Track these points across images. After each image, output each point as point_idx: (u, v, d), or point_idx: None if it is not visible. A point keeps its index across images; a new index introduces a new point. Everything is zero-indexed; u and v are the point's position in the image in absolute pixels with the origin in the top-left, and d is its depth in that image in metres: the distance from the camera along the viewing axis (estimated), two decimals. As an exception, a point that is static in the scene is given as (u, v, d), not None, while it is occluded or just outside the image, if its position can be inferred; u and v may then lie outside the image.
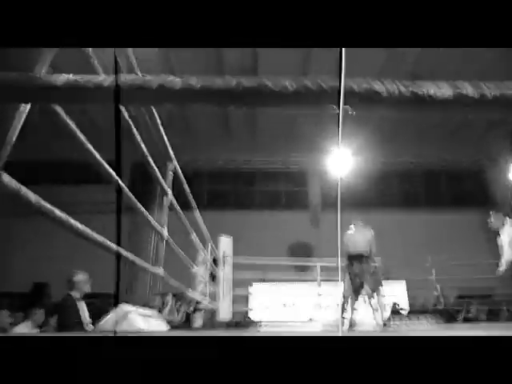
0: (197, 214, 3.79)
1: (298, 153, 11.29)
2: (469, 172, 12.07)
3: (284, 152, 11.40)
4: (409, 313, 8.33)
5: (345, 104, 0.83)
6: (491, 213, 4.84)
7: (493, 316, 7.24)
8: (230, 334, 2.59)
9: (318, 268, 6.34)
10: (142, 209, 1.70)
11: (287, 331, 5.65)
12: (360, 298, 4.81)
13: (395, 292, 9.16)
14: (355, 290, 4.73)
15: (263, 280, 9.97)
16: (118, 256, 1.24)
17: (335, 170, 9.09)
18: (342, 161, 8.43)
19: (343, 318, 4.81)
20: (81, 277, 3.49)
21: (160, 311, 5.58)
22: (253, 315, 8.87)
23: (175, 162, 2.59)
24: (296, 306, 7.64)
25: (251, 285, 9.49)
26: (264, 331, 6.46)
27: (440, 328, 6.08)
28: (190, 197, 3.23)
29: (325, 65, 7.84)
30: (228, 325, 7.48)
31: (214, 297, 5.56)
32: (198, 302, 5.32)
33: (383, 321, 4.53)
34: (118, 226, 0.98)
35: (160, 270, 2.08)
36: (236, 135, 11.44)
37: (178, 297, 4.92)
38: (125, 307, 2.82)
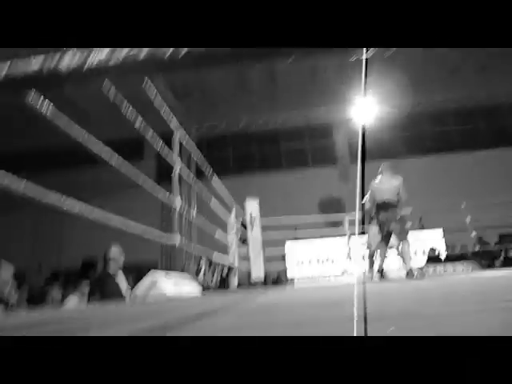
0: (216, 180, 3.83)
1: (320, 106, 10.92)
2: (505, 107, 11.18)
3: (306, 107, 11.06)
4: (447, 259, 8.21)
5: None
6: None
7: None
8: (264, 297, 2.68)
9: (345, 221, 6.30)
10: (148, 182, 1.75)
11: (321, 286, 5.79)
12: (388, 247, 4.75)
13: (432, 238, 9.00)
14: (383, 239, 4.68)
15: (296, 238, 10.13)
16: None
17: (360, 118, 8.76)
18: (366, 109, 8.09)
19: (372, 268, 4.82)
20: (114, 250, 3.69)
21: (196, 275, 5.87)
22: (290, 272, 9.12)
23: (183, 131, 2.59)
24: (330, 261, 7.72)
25: (285, 243, 9.68)
26: (300, 287, 6.66)
27: (474, 272, 5.97)
28: (206, 165, 3.23)
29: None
30: (265, 283, 7.76)
31: (246, 258, 5.75)
32: (230, 265, 5.52)
33: (408, 269, 4.48)
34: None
35: (175, 238, 2.15)
36: (256, 95, 11.20)
37: (212, 261, 5.12)
38: (155, 273, 2.98)
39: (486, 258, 7.19)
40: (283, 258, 9.87)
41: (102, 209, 2.35)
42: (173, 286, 3.04)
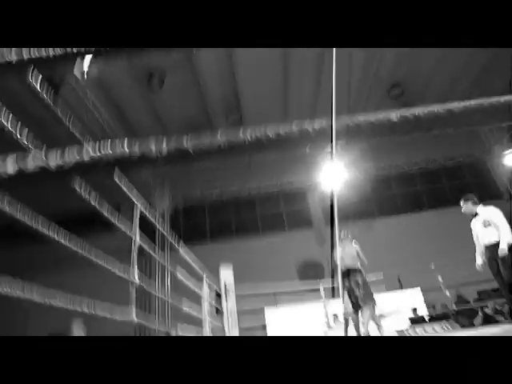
0: (185, 250, 3.82)
1: (292, 173, 11.38)
2: (466, 167, 11.99)
3: (279, 174, 11.50)
4: (431, 318, 8.08)
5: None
6: (461, 202, 4.50)
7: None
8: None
9: (321, 289, 6.27)
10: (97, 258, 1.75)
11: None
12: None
13: (413, 298, 8.93)
14: (354, 306, 4.69)
15: (275, 305, 9.83)
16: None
17: (330, 184, 9.13)
18: (335, 174, 8.49)
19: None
20: (76, 327, 3.51)
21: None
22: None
23: (141, 206, 2.64)
24: (310, 328, 7.45)
25: (263, 312, 9.35)
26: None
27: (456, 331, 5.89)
28: (170, 235, 3.24)
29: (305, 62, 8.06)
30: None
31: (221, 329, 5.49)
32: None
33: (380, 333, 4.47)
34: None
35: (131, 315, 2.09)
36: (230, 165, 11.61)
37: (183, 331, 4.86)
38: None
39: (465, 317, 7.13)
40: (263, 327, 9.47)
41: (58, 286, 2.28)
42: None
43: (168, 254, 10.63)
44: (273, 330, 8.93)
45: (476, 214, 4.38)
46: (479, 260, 4.30)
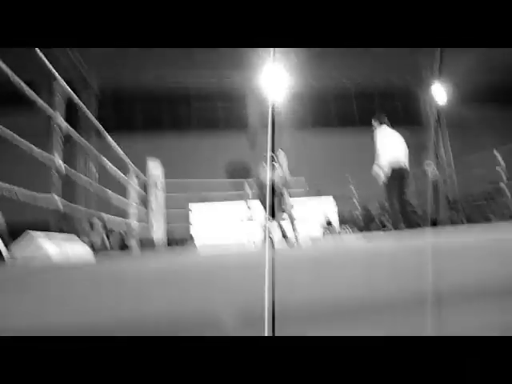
0: (109, 139, 3.65)
1: (234, 71, 10.86)
2: (399, 92, 12.54)
3: (220, 70, 10.89)
4: (338, 224, 9.22)
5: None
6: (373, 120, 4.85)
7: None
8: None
9: (246, 186, 6.60)
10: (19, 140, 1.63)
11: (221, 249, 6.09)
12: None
13: (326, 204, 9.97)
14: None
15: (201, 200, 10.27)
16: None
17: (270, 89, 8.97)
18: (276, 80, 8.31)
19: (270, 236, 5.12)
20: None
21: (88, 237, 5.63)
22: (193, 232, 9.30)
23: (63, 84, 2.39)
24: (233, 224, 8.06)
25: (189, 205, 9.75)
26: (200, 247, 6.90)
27: (359, 237, 6.89)
28: (97, 122, 3.05)
29: None
30: (168, 245, 7.80)
31: (147, 219, 5.68)
32: (129, 227, 5.41)
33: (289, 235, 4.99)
34: None
35: (51, 198, 2.06)
36: (168, 52, 10.60)
37: (106, 223, 4.95)
38: (33, 233, 2.81)
39: (366, 224, 8.27)
40: (188, 220, 9.98)
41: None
42: (55, 246, 2.92)
43: (94, 141, 10.06)
44: (196, 224, 9.48)
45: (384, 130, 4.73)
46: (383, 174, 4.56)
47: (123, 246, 6.12)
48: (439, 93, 10.94)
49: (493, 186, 8.48)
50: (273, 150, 5.01)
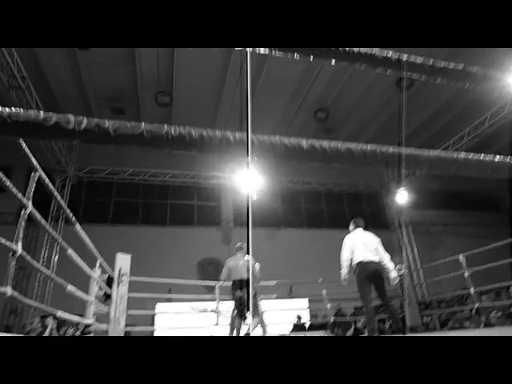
0: (78, 228, 3.53)
1: (209, 170, 11.39)
2: (366, 195, 13.41)
3: (197, 167, 11.40)
4: (310, 327, 8.77)
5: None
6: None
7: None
8: None
9: (217, 288, 6.37)
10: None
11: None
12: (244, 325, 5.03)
13: (300, 307, 9.61)
14: (239, 314, 4.96)
15: (169, 300, 9.66)
16: None
17: (246, 188, 9.34)
18: (250, 180, 8.72)
19: None
20: None
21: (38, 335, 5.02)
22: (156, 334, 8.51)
23: (41, 172, 2.39)
24: (201, 326, 7.48)
25: (156, 304, 9.13)
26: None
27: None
28: (67, 210, 2.98)
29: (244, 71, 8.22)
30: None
31: (106, 318, 5.20)
32: (87, 325, 4.91)
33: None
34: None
35: (6, 289, 1.87)
36: (148, 150, 11.11)
37: (60, 319, 4.47)
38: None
39: (341, 328, 7.90)
40: (152, 320, 9.23)
41: None
42: None
43: (61, 229, 9.72)
44: (161, 323, 8.77)
45: (355, 232, 4.83)
46: (343, 275, 4.65)
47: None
48: (402, 197, 11.72)
49: (462, 291, 8.60)
50: (248, 248, 4.95)
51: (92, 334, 5.47)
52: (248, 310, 4.86)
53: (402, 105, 8.90)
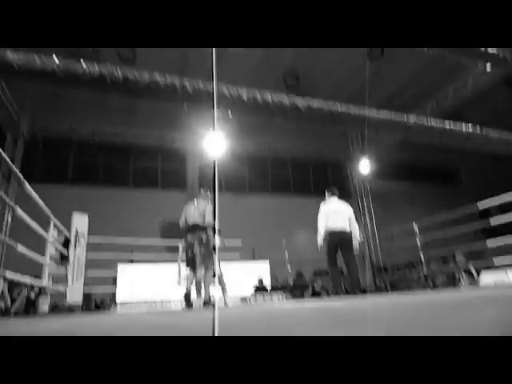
0: (28, 188, 3.34)
1: (175, 131, 11.03)
2: (330, 164, 13.65)
3: (162, 128, 11.01)
4: (272, 289, 9.11)
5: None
6: (326, 191, 5.36)
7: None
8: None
9: (180, 247, 6.35)
10: None
11: (147, 312, 5.54)
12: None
13: (261, 269, 9.90)
14: (188, 263, 4.61)
15: (131, 260, 9.61)
16: None
17: (211, 151, 9.17)
18: (216, 142, 8.56)
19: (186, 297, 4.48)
20: None
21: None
22: (119, 296, 8.50)
23: None
24: (163, 286, 7.55)
25: (117, 265, 9.06)
26: (122, 313, 6.24)
27: (289, 301, 6.81)
28: (15, 169, 2.79)
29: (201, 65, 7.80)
30: (85, 307, 6.99)
31: (63, 279, 5.10)
32: (41, 287, 4.79)
33: (206, 298, 4.31)
34: None
35: None
36: (112, 106, 10.54)
37: (12, 281, 4.30)
38: None
39: (299, 290, 8.26)
40: (114, 281, 9.17)
41: None
42: None
43: (14, 188, 9.20)
44: (122, 285, 8.74)
45: (330, 200, 5.11)
46: (320, 241, 4.91)
47: (31, 310, 5.33)
48: (364, 168, 12.06)
49: (413, 255, 9.19)
50: (215, 211, 4.87)
51: (48, 295, 5.36)
52: (202, 261, 4.39)
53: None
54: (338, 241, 4.73)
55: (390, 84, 10.48)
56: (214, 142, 8.45)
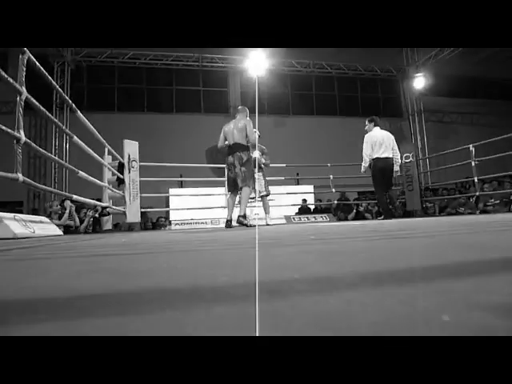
0: (82, 117, 3.48)
1: (216, 51, 10.61)
2: (381, 80, 12.62)
3: (202, 53, 10.62)
4: (315, 209, 9.31)
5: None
6: (366, 121, 5.57)
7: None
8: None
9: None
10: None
11: (196, 228, 5.98)
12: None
13: (305, 192, 10.06)
14: (229, 185, 4.46)
15: (181, 184, 10.13)
16: None
17: (253, 71, 8.81)
18: (259, 62, 8.17)
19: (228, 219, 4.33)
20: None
21: (60, 217, 5.45)
22: (171, 216, 9.20)
23: (28, 54, 2.24)
24: (212, 208, 7.98)
25: (169, 188, 9.62)
26: (176, 229, 6.81)
27: (331, 222, 6.97)
28: (67, 98, 2.89)
29: None
30: (145, 227, 7.68)
31: (122, 201, 5.54)
32: (104, 207, 5.27)
33: (241, 215, 4.14)
34: None
35: (17, 175, 1.95)
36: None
37: (78, 203, 4.77)
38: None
39: (342, 212, 8.36)
40: (166, 203, 9.85)
41: None
42: (21, 226, 2.79)
43: (67, 117, 9.66)
44: (174, 206, 9.37)
45: (374, 130, 5.41)
46: (364, 167, 5.45)
47: (96, 229, 5.97)
48: (420, 85, 11.07)
49: (466, 180, 8.76)
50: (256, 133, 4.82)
51: (110, 216, 5.92)
52: (243, 180, 4.15)
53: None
54: (383, 167, 5.22)
55: None
56: (255, 60, 8.06)
